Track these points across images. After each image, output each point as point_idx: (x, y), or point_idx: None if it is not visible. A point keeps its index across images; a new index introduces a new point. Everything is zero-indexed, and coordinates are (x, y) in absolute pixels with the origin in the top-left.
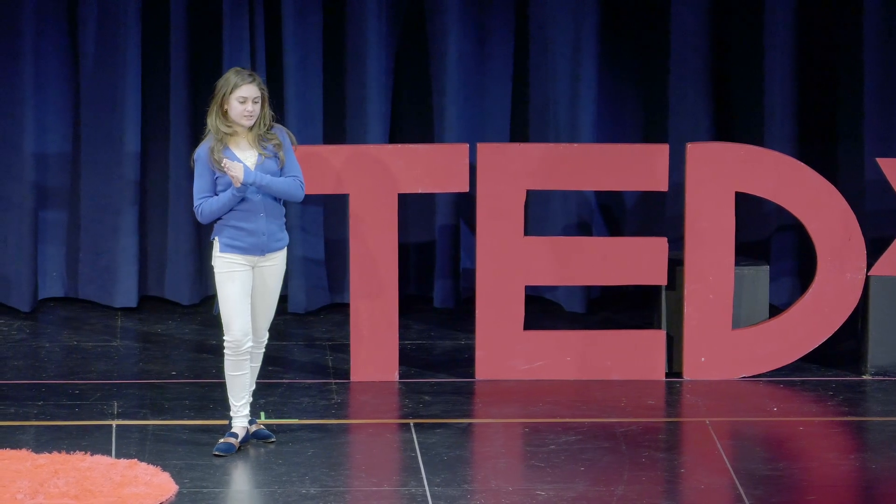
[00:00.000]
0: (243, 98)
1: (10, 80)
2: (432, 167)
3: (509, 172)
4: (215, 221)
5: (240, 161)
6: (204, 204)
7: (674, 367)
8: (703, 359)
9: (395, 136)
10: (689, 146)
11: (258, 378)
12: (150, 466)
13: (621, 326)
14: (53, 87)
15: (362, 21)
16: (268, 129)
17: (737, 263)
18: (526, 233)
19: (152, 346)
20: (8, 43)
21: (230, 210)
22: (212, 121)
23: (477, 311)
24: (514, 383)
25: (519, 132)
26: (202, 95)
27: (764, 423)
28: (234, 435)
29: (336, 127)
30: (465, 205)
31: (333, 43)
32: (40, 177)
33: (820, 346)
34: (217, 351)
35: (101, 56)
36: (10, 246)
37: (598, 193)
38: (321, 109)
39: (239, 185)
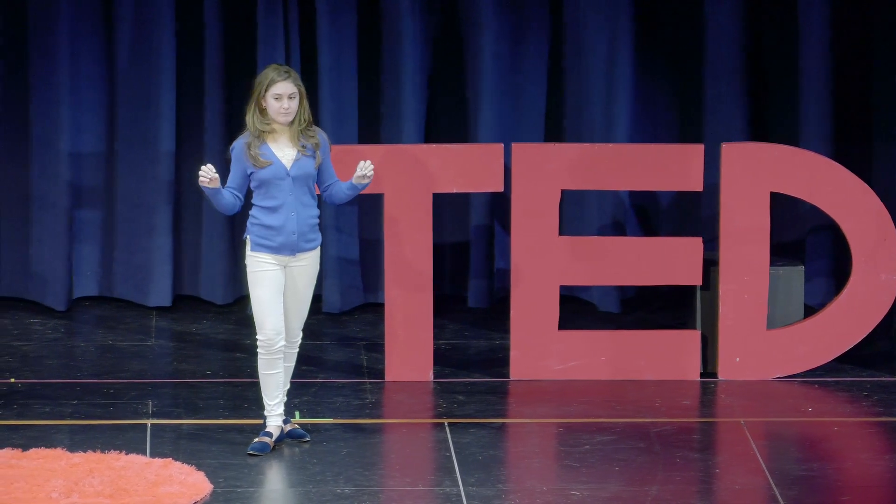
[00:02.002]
0: (278, 95)
1: (45, 80)
2: (467, 167)
3: (544, 172)
4: (245, 219)
5: (276, 158)
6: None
7: (708, 367)
8: (737, 359)
9: (430, 135)
10: (724, 146)
11: (292, 377)
12: (185, 466)
13: (656, 326)
14: (88, 86)
15: (397, 20)
16: (307, 126)
17: (772, 264)
18: (560, 233)
19: (187, 346)
20: (43, 43)
21: (255, 201)
22: (249, 118)
23: (511, 311)
24: (548, 383)
25: (554, 132)
26: (237, 95)
27: (799, 423)
28: (269, 434)
29: (371, 126)
30: (499, 205)
31: (368, 42)
32: (75, 176)
33: (855, 346)
34: (251, 350)
35: (136, 56)
36: (46, 245)
37: (633, 193)
38: (356, 109)
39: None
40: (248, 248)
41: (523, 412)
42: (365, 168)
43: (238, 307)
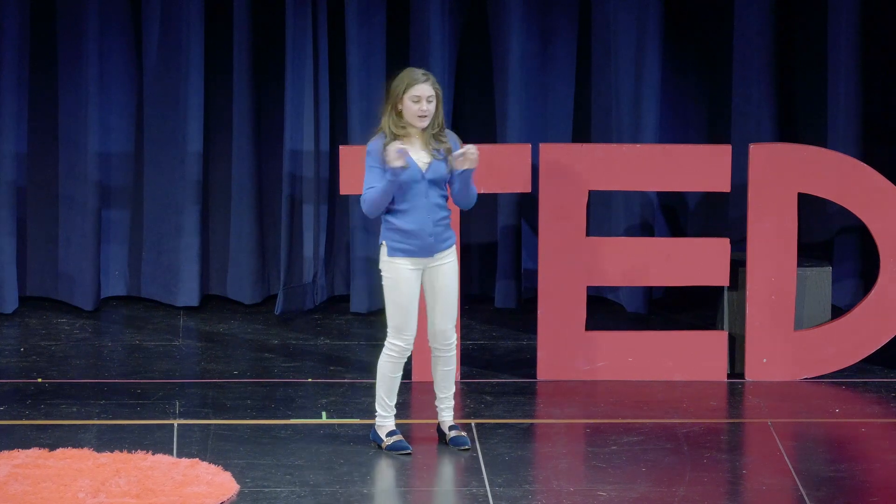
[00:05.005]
0: (417, 97)
1: (73, 80)
2: (495, 167)
3: (571, 173)
4: (379, 222)
5: (411, 161)
6: (366, 194)
7: (736, 367)
8: (764, 360)
9: (458, 136)
10: (752, 147)
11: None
12: (212, 466)
13: (683, 327)
14: (117, 86)
15: (425, 21)
16: (440, 131)
17: (799, 264)
18: (588, 233)
19: (214, 346)
20: (72, 43)
21: (389, 205)
22: (385, 120)
23: (539, 312)
24: (575, 384)
25: (581, 133)
26: (265, 95)
27: (826, 424)
28: (398, 432)
29: None
30: (527, 205)
31: (396, 43)
32: (103, 176)
33: (882, 347)
34: (279, 350)
35: (165, 56)
36: (74, 245)
37: (661, 194)
38: None
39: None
40: (384, 253)
41: (550, 413)
42: (466, 148)
43: (266, 307)
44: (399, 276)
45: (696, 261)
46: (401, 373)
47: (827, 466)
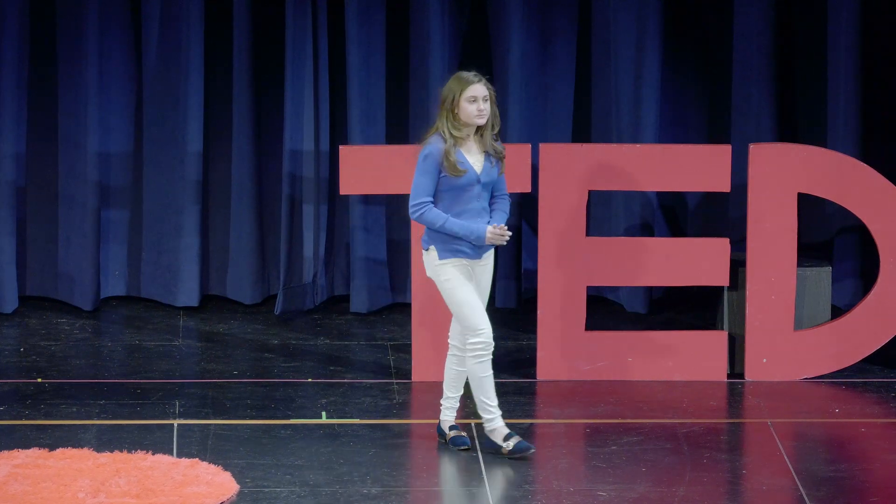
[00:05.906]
0: (473, 97)
1: (73, 80)
2: None
3: (571, 173)
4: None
5: (469, 165)
6: (430, 213)
7: (736, 367)
8: (764, 360)
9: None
10: (752, 147)
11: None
12: (212, 466)
13: (683, 327)
14: (116, 86)
15: (425, 21)
16: (496, 133)
17: (799, 264)
18: (588, 233)
19: (214, 346)
20: (72, 43)
21: (442, 209)
22: (443, 125)
23: (539, 312)
24: (575, 384)
25: (581, 133)
26: (265, 95)
27: (826, 424)
28: (514, 433)
29: (398, 126)
30: (527, 205)
31: (396, 42)
32: (103, 176)
33: (882, 347)
34: (279, 350)
35: (164, 55)
36: (73, 245)
37: (661, 194)
38: (384, 109)
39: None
40: (434, 257)
41: (550, 413)
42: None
43: (266, 307)
44: (457, 274)
45: (696, 261)
46: (491, 370)
47: (827, 466)
